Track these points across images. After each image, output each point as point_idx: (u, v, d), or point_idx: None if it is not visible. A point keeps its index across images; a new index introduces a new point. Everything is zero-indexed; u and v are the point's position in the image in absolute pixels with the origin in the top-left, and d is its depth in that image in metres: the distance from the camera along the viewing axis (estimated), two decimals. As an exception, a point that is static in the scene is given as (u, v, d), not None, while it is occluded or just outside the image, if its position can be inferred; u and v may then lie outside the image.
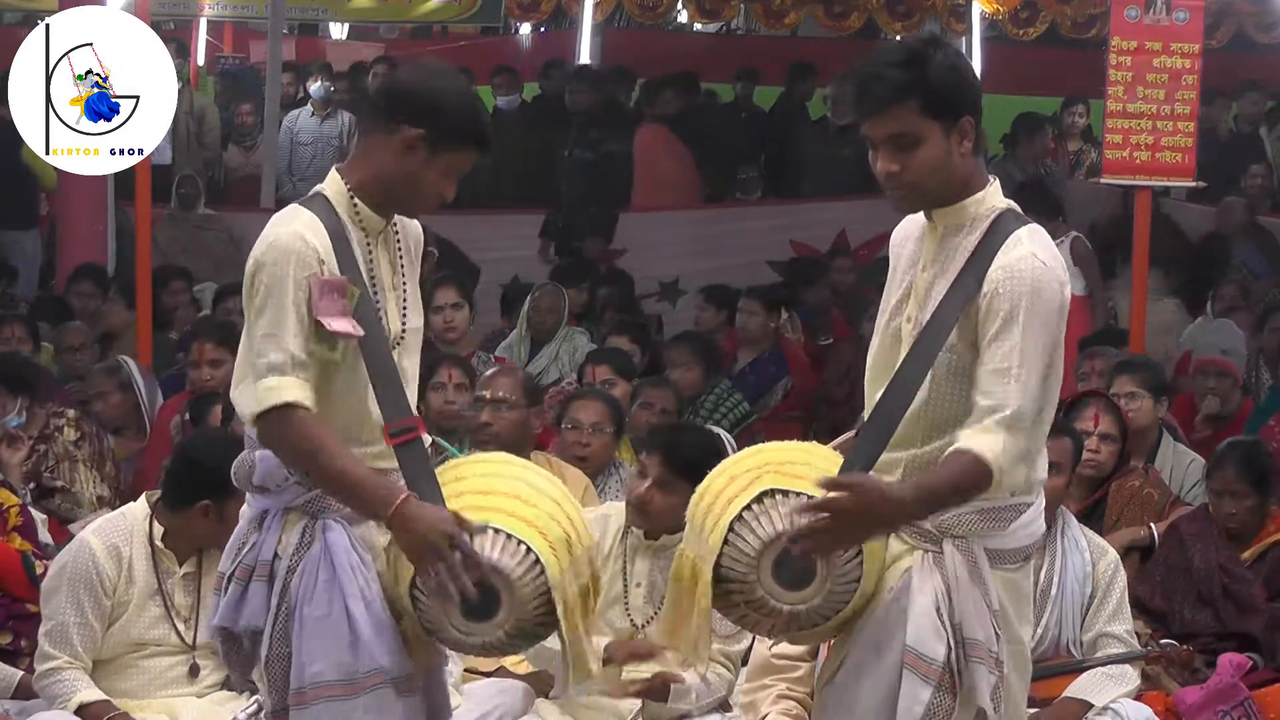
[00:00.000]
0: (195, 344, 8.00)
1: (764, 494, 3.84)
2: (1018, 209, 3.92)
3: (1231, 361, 9.07)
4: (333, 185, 4.02)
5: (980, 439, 3.75)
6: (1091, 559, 5.83)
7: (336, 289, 3.90)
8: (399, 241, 4.11)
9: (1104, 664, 5.75)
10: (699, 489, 4.02)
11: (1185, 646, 6.05)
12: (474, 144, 4.03)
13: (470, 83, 4.15)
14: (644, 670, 5.29)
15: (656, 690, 5.31)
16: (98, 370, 8.38)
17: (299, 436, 3.88)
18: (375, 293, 4.01)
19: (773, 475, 3.88)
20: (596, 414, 6.77)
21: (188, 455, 5.65)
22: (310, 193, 4.05)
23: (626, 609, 5.41)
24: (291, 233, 3.92)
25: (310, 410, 3.88)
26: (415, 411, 4.02)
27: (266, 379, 3.89)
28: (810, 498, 3.79)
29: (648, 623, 5.38)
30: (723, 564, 3.85)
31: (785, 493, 3.83)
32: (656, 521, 5.42)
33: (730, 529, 3.84)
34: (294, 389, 3.88)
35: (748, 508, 3.84)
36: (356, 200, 4.00)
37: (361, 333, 3.91)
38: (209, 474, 5.39)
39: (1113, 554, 5.92)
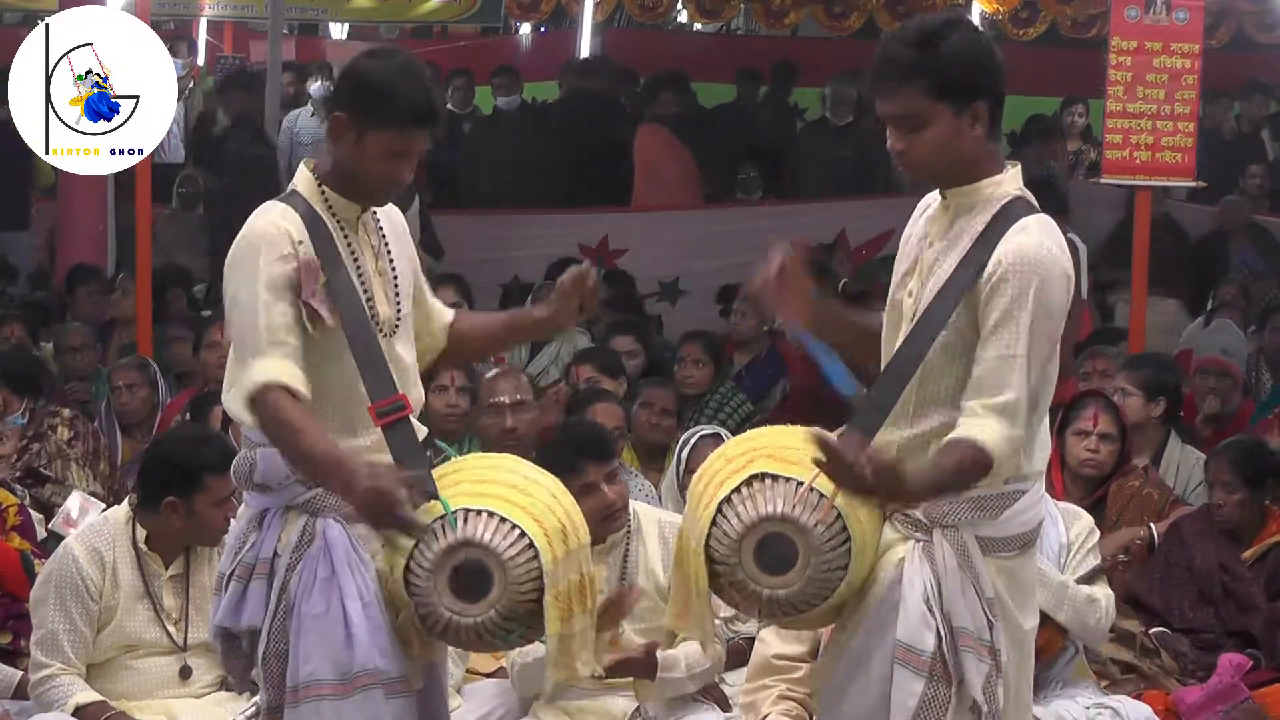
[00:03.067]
0: (213, 327, 8.01)
1: (753, 477, 3.87)
2: (1030, 198, 3.92)
3: (1233, 362, 9.07)
4: (302, 179, 4.06)
5: (978, 426, 3.74)
6: (1064, 526, 5.83)
7: (313, 271, 3.92)
8: (381, 229, 4.11)
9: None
10: (699, 471, 4.04)
11: (1136, 540, 6.04)
12: (405, 122, 3.96)
13: (418, 66, 4.05)
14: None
15: (643, 664, 5.21)
16: (126, 363, 8.33)
17: (274, 416, 3.86)
18: (360, 278, 4.01)
19: (765, 459, 3.91)
20: (619, 419, 6.80)
21: (154, 454, 5.65)
22: (287, 189, 4.08)
23: None
24: (264, 221, 3.96)
25: (289, 388, 3.86)
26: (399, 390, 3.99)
27: (250, 365, 3.89)
28: (800, 483, 3.81)
29: None
30: (710, 544, 3.88)
31: (775, 477, 3.86)
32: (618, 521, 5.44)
33: (718, 510, 3.87)
34: (273, 369, 3.87)
35: (736, 490, 3.87)
36: (324, 189, 4.02)
37: (330, 319, 3.91)
38: (173, 470, 5.39)
39: (1086, 518, 5.93)
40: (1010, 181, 3.91)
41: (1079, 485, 6.61)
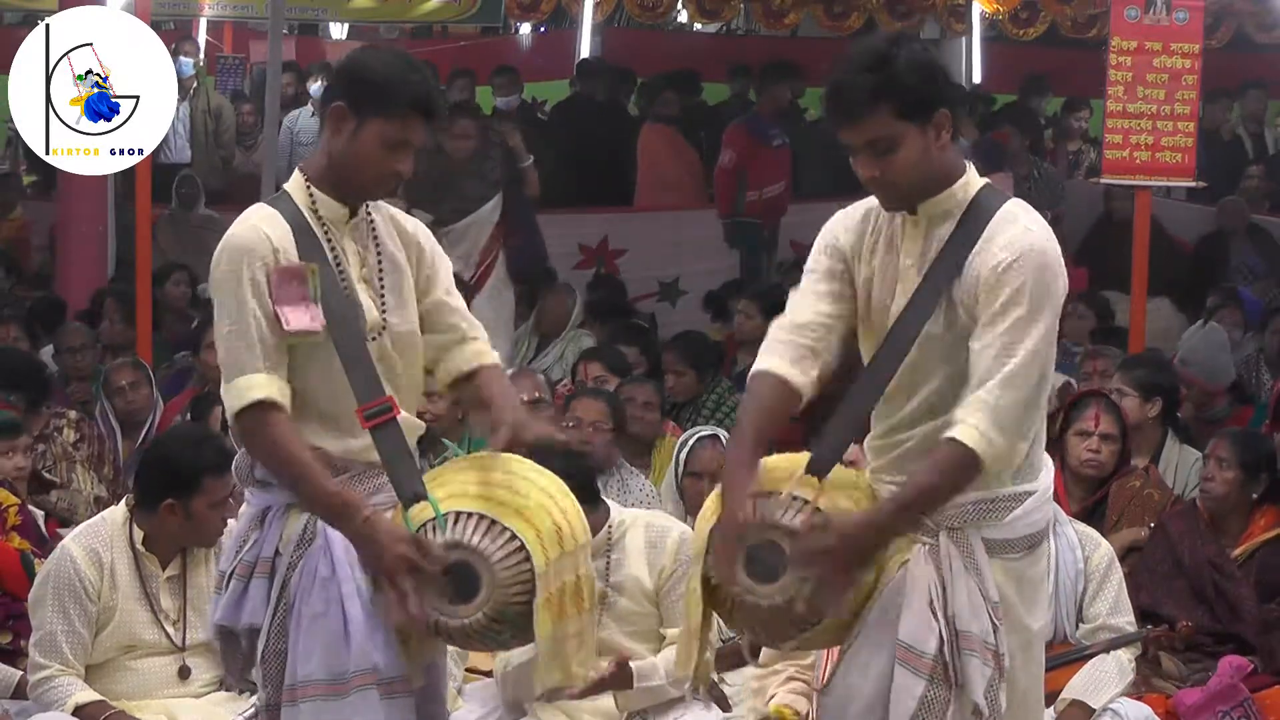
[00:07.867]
0: (213, 327, 7.97)
1: None
2: (994, 184, 3.92)
3: (1191, 372, 8.93)
4: (293, 181, 4.05)
5: (963, 425, 3.73)
6: (1084, 553, 5.84)
7: (294, 276, 3.91)
8: (375, 233, 4.07)
9: (1106, 649, 5.75)
10: (703, 509, 4.03)
11: (1183, 623, 6.04)
12: (406, 108, 3.93)
13: (418, 61, 4.06)
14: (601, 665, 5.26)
15: (619, 679, 5.25)
16: (125, 363, 8.31)
17: (268, 439, 3.89)
18: (344, 283, 3.98)
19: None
20: (597, 413, 6.80)
21: (153, 455, 5.64)
22: (277, 192, 4.07)
23: None
24: (247, 227, 3.96)
25: (282, 408, 3.88)
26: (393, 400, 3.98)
27: (237, 380, 3.91)
28: (793, 496, 3.80)
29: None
30: (706, 572, 3.89)
31: (761, 494, 3.85)
32: None
33: (709, 538, 3.88)
34: (263, 386, 3.88)
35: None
36: (313, 190, 4.00)
37: (319, 327, 3.90)
38: (171, 472, 5.39)
39: (1106, 547, 5.94)
40: (971, 179, 3.91)
41: (1080, 486, 6.61)
